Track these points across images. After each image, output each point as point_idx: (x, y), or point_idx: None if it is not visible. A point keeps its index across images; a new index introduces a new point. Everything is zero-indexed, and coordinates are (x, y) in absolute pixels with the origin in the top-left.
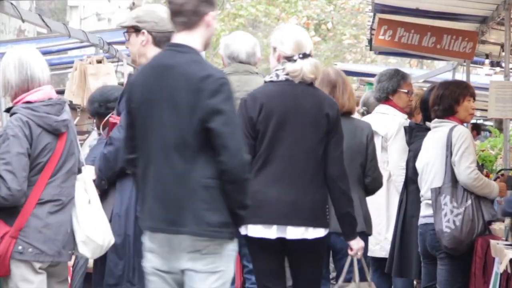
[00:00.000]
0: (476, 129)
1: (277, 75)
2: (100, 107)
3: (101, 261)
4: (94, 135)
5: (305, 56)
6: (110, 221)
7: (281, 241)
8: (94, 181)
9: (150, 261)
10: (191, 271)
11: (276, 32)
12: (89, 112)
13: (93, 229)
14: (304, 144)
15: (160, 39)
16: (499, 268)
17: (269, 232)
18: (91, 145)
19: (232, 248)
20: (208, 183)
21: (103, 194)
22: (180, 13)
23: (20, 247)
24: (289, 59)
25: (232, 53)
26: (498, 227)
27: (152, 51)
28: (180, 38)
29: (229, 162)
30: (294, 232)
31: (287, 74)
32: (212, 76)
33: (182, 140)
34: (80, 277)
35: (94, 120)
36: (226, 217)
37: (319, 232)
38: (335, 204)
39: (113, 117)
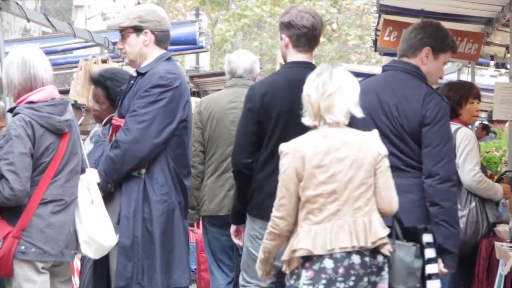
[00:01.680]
0: (486, 129)
1: None
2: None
3: (101, 263)
4: (94, 129)
5: None
6: (117, 223)
7: None
8: (98, 184)
9: (256, 248)
10: None
11: None
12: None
13: (96, 229)
14: None
15: (162, 38)
16: (503, 270)
17: None
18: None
19: None
20: None
21: (109, 197)
22: (315, 37)
23: (23, 247)
24: None
25: (232, 69)
26: (502, 229)
27: (154, 51)
28: (304, 57)
29: None
30: None
31: None
32: None
33: None
34: (90, 267)
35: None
36: None
37: None
38: None
39: (116, 120)
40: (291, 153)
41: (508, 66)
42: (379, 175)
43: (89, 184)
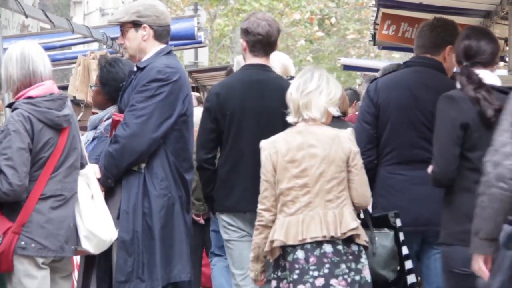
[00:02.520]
0: None
1: None
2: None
3: (105, 258)
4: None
5: (292, 78)
6: (117, 218)
7: None
8: (99, 179)
9: (232, 234)
10: None
11: None
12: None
13: (96, 224)
14: None
15: (161, 33)
16: None
17: None
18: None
19: None
20: None
21: (109, 192)
22: (270, 44)
23: (22, 243)
24: None
25: None
26: None
27: (153, 46)
28: (260, 60)
29: None
30: None
31: None
32: None
33: None
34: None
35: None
36: None
37: None
38: None
39: (116, 115)
40: (268, 148)
41: (507, 59)
42: (354, 172)
43: (89, 179)
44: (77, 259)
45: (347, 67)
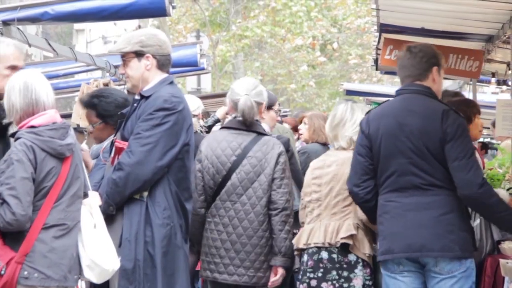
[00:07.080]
0: (485, 148)
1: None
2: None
3: (101, 284)
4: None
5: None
6: (119, 246)
7: None
8: (100, 206)
9: None
10: None
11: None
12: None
13: (98, 253)
14: None
15: (164, 62)
16: (509, 287)
17: None
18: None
19: None
20: None
21: (110, 219)
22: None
23: (25, 272)
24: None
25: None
26: (507, 246)
27: (156, 75)
28: None
29: None
30: None
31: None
32: None
33: None
34: None
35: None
36: None
37: None
38: None
39: (119, 142)
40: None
41: (510, 83)
42: None
43: (92, 208)
44: (82, 286)
45: (349, 92)
